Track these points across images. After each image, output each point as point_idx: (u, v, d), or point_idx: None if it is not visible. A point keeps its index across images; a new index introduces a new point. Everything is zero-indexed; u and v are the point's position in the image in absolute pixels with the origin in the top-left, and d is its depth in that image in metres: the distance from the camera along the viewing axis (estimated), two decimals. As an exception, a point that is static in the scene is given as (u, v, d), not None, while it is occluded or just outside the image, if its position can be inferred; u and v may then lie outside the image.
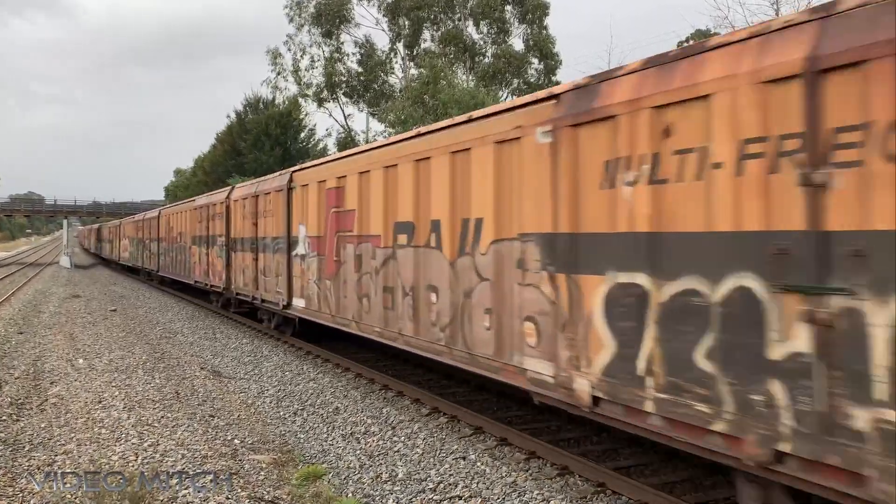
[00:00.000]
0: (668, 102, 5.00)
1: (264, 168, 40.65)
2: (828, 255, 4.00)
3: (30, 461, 7.43)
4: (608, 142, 5.52)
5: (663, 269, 5.03)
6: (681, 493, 6.10)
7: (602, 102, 5.61)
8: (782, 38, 4.33)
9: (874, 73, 3.77)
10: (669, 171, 5.00)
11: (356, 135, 46.36)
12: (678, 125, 4.94)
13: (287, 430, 8.86)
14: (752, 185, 4.38)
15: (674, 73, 5.01)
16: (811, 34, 4.15)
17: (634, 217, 5.25)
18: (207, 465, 7.32)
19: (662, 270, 5.04)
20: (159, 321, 19.49)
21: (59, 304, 23.93)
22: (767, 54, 4.35)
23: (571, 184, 5.88)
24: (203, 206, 20.79)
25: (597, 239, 5.64)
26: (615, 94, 5.49)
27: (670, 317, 4.97)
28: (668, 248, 5.00)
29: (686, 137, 4.89)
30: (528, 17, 43.57)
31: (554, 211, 6.07)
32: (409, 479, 6.83)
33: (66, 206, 67.99)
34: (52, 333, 16.84)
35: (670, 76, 5.02)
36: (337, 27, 44.51)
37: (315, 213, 11.96)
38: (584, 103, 5.80)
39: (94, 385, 11.02)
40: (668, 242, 5.01)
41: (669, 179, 5.00)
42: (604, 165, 5.57)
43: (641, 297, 5.19)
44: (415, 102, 32.35)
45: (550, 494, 6.20)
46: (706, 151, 4.72)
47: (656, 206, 5.08)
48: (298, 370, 12.21)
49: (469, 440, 7.89)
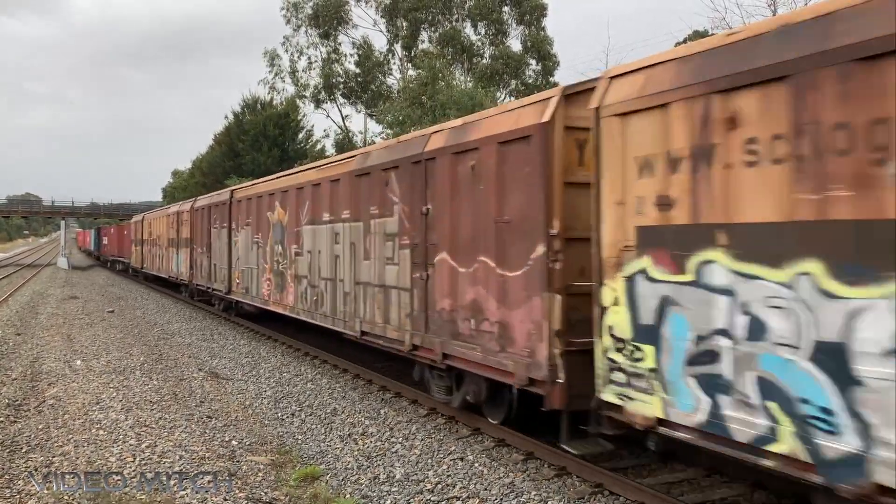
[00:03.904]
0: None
1: (262, 169, 40.63)
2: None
3: (27, 462, 7.43)
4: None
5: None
6: (678, 494, 6.11)
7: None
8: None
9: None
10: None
11: (354, 136, 46.39)
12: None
13: (285, 432, 8.86)
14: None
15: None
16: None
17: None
18: (205, 466, 7.32)
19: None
20: (157, 322, 19.48)
21: (56, 306, 23.90)
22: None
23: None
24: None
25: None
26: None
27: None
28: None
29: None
30: (525, 19, 43.60)
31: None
32: (407, 480, 6.83)
33: (64, 207, 67.81)
34: (49, 335, 16.82)
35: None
36: (334, 28, 44.52)
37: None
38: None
39: (92, 386, 11.01)
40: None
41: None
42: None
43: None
44: (413, 103, 32.34)
45: (548, 495, 6.21)
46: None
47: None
48: (296, 371, 12.21)
49: (467, 441, 7.90)
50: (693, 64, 5.12)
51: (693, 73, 5.07)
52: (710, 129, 4.86)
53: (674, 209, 5.15)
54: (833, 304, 4.10)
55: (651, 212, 5.35)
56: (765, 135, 4.51)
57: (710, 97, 4.86)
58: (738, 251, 4.67)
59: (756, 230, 4.56)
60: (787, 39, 4.46)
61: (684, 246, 5.06)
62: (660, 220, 5.27)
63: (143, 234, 32.30)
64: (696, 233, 4.97)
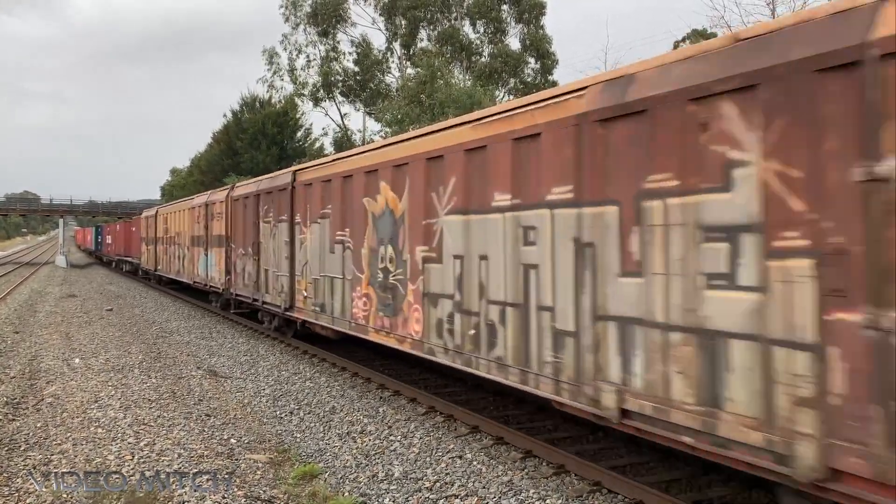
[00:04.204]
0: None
1: (261, 167, 40.65)
2: None
3: (26, 461, 7.42)
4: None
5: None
6: (676, 492, 6.12)
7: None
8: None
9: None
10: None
11: (353, 134, 46.38)
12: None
13: (283, 430, 8.86)
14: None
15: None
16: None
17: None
18: (204, 464, 7.32)
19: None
20: (155, 320, 19.47)
21: (55, 304, 23.88)
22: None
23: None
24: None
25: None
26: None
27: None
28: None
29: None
30: (524, 17, 43.62)
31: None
32: (406, 478, 6.84)
33: (62, 206, 67.79)
34: (47, 333, 16.81)
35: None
36: (333, 26, 44.53)
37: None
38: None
39: (91, 384, 11.00)
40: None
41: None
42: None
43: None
44: (411, 102, 32.33)
45: (546, 493, 6.22)
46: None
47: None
48: (295, 369, 12.21)
49: (465, 439, 7.90)
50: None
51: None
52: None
53: None
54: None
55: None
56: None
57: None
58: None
59: None
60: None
61: None
62: None
63: (157, 230, 28.39)
64: None
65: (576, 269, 6.01)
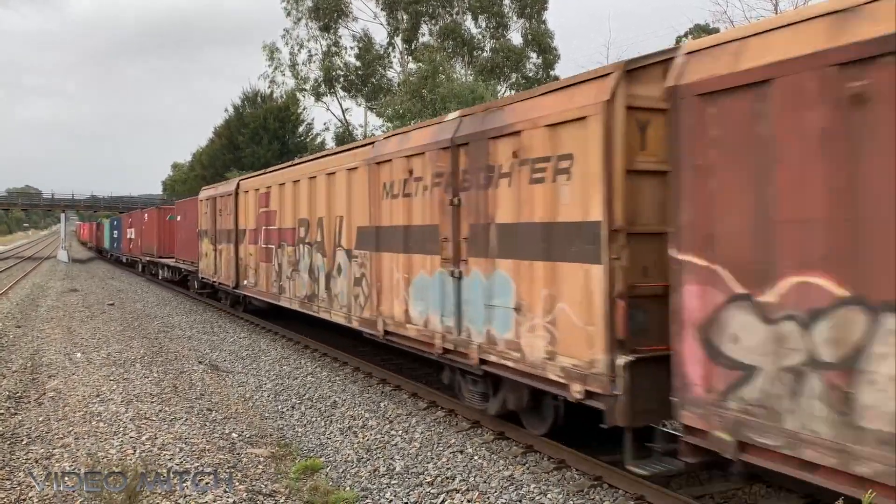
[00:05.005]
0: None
1: (262, 162, 40.57)
2: None
3: (28, 454, 7.44)
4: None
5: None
6: (676, 488, 6.12)
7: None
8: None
9: None
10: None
11: (354, 129, 46.32)
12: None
13: (285, 424, 8.88)
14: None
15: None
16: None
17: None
18: (205, 458, 7.33)
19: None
20: (157, 315, 19.48)
21: (56, 298, 23.90)
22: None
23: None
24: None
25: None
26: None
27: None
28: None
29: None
30: (526, 12, 43.51)
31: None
32: (407, 473, 6.85)
33: (64, 200, 67.75)
34: (49, 327, 16.83)
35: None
36: (335, 21, 44.38)
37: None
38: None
39: (92, 379, 11.02)
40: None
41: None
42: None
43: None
44: (413, 96, 32.26)
45: (547, 488, 6.23)
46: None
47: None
48: (296, 364, 12.22)
49: (467, 434, 7.91)
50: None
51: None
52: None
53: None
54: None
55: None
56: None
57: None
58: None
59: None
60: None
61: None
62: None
63: (239, 217, 16.85)
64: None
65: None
